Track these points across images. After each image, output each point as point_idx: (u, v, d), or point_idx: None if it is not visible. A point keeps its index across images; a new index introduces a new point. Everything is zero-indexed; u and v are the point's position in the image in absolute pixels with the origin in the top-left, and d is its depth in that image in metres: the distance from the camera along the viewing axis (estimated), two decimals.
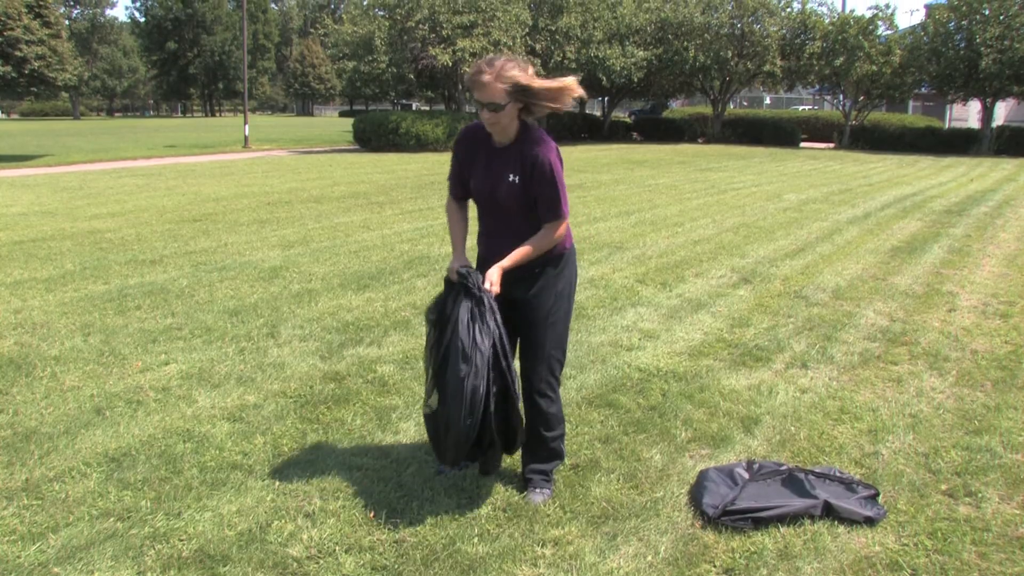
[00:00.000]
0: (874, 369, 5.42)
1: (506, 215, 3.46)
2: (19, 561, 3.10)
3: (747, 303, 7.17)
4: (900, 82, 32.82)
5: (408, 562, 3.10)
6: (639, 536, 3.30)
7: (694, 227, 11.46)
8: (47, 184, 17.13)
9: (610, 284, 7.79)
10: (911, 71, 32.42)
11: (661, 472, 3.85)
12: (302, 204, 13.82)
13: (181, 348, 5.72)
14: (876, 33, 32.84)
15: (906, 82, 32.96)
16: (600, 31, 32.44)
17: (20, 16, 21.43)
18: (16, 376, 5.13)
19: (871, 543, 3.26)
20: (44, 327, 6.26)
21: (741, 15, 34.36)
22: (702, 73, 35.49)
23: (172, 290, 7.44)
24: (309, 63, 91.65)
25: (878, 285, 7.91)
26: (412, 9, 28.93)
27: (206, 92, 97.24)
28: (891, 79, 32.49)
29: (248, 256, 9.07)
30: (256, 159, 25.52)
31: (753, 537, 3.29)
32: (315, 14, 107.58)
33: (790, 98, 58.14)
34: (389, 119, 29.25)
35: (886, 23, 33.15)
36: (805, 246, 10.03)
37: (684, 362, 5.51)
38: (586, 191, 16.17)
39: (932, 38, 31.86)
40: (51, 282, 7.76)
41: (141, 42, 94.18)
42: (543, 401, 3.59)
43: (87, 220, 11.79)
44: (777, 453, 4.08)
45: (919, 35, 32.61)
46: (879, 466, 3.94)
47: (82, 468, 3.85)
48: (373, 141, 29.35)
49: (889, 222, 12.23)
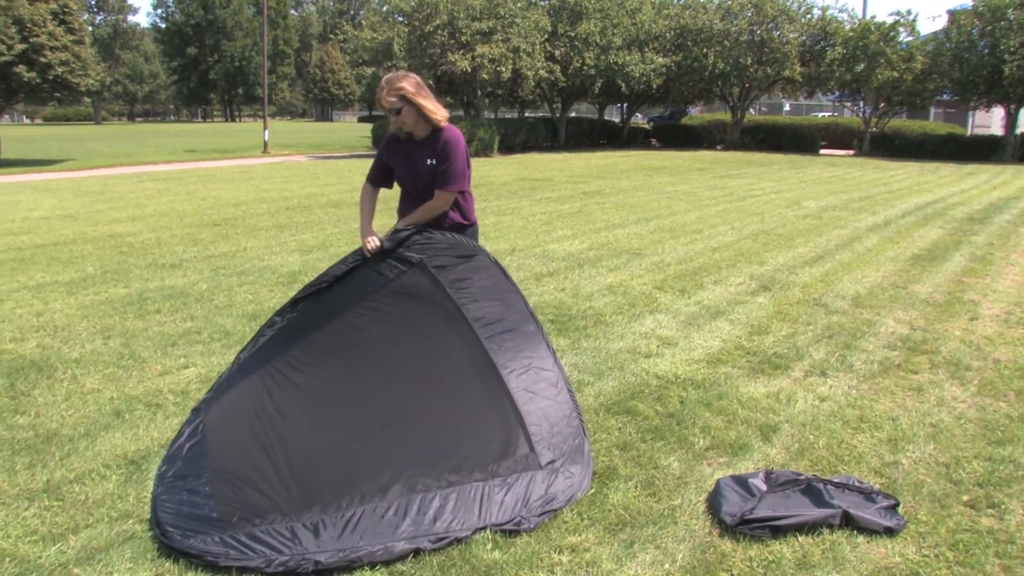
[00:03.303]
0: (894, 378, 5.38)
1: (424, 194, 4.20)
2: (40, 561, 3.12)
3: (766, 310, 7.13)
4: (921, 88, 32.53)
5: (425, 568, 3.10)
6: (656, 544, 3.28)
7: (713, 234, 11.42)
8: (69, 188, 17.29)
9: (628, 291, 7.77)
10: (933, 77, 32.13)
11: (679, 480, 3.83)
12: (321, 209, 13.87)
13: (200, 352, 5.75)
14: (897, 39, 32.60)
15: (928, 89, 32.67)
16: (619, 37, 32.37)
17: (45, 23, 21.65)
18: (38, 378, 5.17)
19: (891, 554, 3.23)
20: (65, 330, 6.31)
21: (761, 21, 34.22)
22: (721, 79, 35.37)
23: (191, 294, 7.48)
24: (328, 69, 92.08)
25: (898, 293, 7.85)
26: (431, 15, 29.00)
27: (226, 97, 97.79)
28: (912, 85, 32.21)
29: (267, 261, 9.11)
30: (275, 164, 25.65)
31: (771, 546, 3.27)
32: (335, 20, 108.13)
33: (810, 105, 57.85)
34: None
35: (907, 29, 32.86)
36: (825, 253, 9.97)
37: (702, 369, 5.49)
38: (604, 197, 16.15)
39: (955, 44, 31.58)
40: (72, 285, 7.82)
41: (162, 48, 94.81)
42: None
43: (108, 224, 11.89)
44: (796, 462, 4.05)
45: (941, 41, 32.31)
46: (899, 476, 3.90)
47: (102, 470, 3.88)
48: None
49: (910, 230, 12.15)
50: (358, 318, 4.09)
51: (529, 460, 3.59)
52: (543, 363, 4.03)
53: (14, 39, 20.91)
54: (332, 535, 3.19)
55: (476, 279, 4.15)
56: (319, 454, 3.57)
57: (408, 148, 4.20)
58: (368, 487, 3.39)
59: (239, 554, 3.11)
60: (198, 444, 3.77)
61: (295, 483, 3.42)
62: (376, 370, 3.92)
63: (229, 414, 3.90)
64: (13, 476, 3.82)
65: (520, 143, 33.70)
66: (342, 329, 4.08)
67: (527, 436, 3.66)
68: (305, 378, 3.93)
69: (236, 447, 3.66)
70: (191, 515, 3.34)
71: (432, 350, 3.97)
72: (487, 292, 4.13)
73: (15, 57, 20.98)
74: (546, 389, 3.92)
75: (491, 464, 3.54)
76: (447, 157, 4.09)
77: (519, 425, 3.69)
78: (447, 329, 4.00)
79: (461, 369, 3.90)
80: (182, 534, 3.24)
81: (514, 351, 3.99)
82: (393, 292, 4.11)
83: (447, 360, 3.94)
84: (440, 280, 4.09)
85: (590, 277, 8.37)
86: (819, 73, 34.25)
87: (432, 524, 3.27)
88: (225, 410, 3.94)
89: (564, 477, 3.61)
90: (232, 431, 3.77)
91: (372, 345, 4.00)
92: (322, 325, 4.12)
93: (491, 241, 10.45)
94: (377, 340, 4.01)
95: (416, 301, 4.08)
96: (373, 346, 4.00)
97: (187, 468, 3.64)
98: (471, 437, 3.65)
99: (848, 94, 36.20)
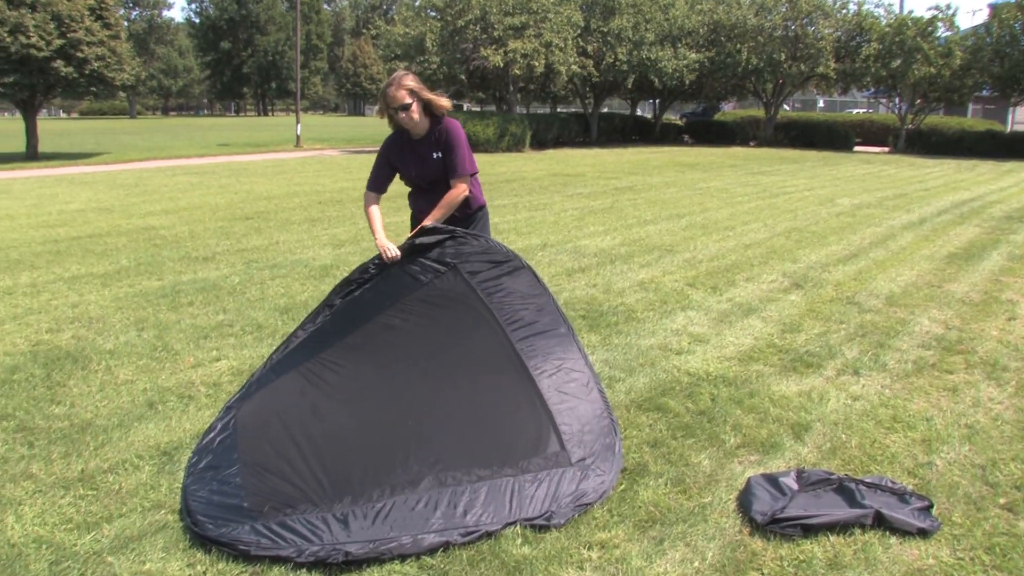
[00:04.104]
0: (928, 378, 5.32)
1: (434, 186, 4.37)
2: (75, 549, 3.17)
3: (798, 308, 7.07)
4: (960, 84, 31.99)
5: (455, 562, 3.11)
6: (686, 541, 3.27)
7: (745, 231, 11.35)
8: (104, 181, 17.51)
9: (660, 287, 7.74)
10: (972, 73, 31.58)
11: (709, 477, 3.81)
12: (353, 203, 13.94)
13: (232, 344, 5.81)
14: (935, 34, 32.11)
15: (966, 84, 32.12)
16: (652, 33, 32.20)
17: (83, 18, 21.93)
18: (73, 369, 5.25)
19: (924, 555, 3.20)
20: (100, 321, 6.39)
21: (795, 17, 33.86)
22: (755, 76, 35.05)
23: (224, 287, 7.55)
24: (361, 63, 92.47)
25: (933, 292, 7.75)
26: (463, 10, 29.01)
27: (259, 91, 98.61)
28: (950, 81, 31.69)
29: (299, 254, 9.17)
30: (307, 158, 25.81)
31: (802, 545, 3.24)
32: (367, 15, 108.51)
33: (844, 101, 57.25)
34: None
35: (946, 24, 32.36)
36: (858, 251, 9.87)
37: (734, 367, 5.46)
38: (636, 193, 16.10)
39: (996, 39, 31.03)
40: (107, 277, 7.92)
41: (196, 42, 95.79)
42: None
43: (142, 217, 12.03)
44: (827, 461, 4.02)
45: (982, 36, 31.73)
46: (933, 477, 3.86)
47: (135, 461, 3.93)
48: None
49: (946, 228, 11.98)
50: (391, 319, 4.13)
51: (560, 457, 3.60)
52: (574, 364, 4.07)
53: (52, 34, 21.21)
54: (363, 526, 3.21)
55: (508, 283, 4.21)
56: (350, 448, 3.60)
57: (412, 147, 4.38)
58: (399, 480, 3.42)
59: (270, 543, 3.14)
60: (229, 438, 3.81)
61: (326, 475, 3.45)
62: (408, 369, 3.95)
63: (261, 411, 3.94)
64: (49, 465, 3.88)
65: (552, 138, 33.65)
66: (375, 330, 4.12)
67: (558, 434, 3.68)
68: (338, 377, 3.97)
69: (267, 441, 3.70)
70: (222, 504, 3.38)
71: (464, 351, 4.01)
72: (519, 295, 4.20)
73: (53, 52, 21.27)
74: (577, 389, 3.95)
75: (521, 460, 3.55)
76: (452, 147, 4.27)
77: (550, 424, 3.71)
78: (480, 331, 4.04)
79: (493, 369, 3.93)
80: (213, 523, 3.28)
81: (545, 353, 4.03)
82: (427, 295, 4.16)
83: (479, 361, 3.97)
84: (473, 284, 4.14)
85: (622, 273, 8.34)
86: (854, 69, 33.82)
87: (463, 517, 3.28)
88: (257, 407, 3.98)
89: (595, 475, 3.61)
90: (264, 426, 3.81)
91: (405, 345, 4.04)
92: (356, 327, 4.16)
93: (523, 236, 10.45)
94: (410, 340, 4.05)
95: (449, 303, 4.13)
96: (406, 346, 4.03)
97: (218, 460, 3.68)
98: (502, 434, 3.67)
99: (883, 90, 35.71)
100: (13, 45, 20.60)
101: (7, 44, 20.53)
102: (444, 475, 3.44)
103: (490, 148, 28.48)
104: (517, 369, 3.92)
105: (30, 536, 3.25)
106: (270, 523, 3.23)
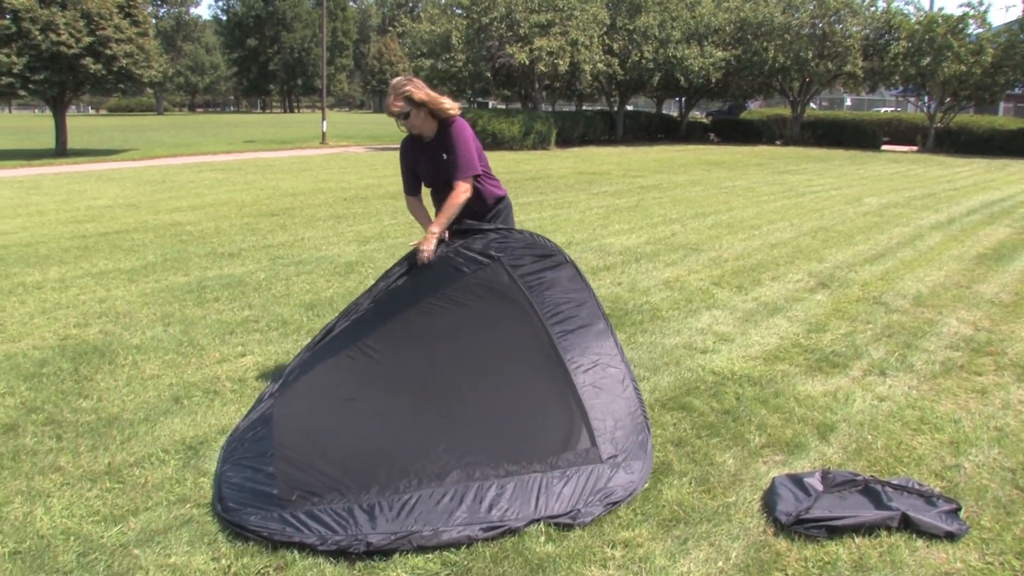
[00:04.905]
0: (956, 379, 5.26)
1: (447, 186, 4.41)
2: (102, 541, 3.20)
3: (824, 308, 7.02)
4: (991, 82, 31.55)
5: (478, 559, 3.11)
6: (710, 541, 3.26)
7: (771, 230, 11.27)
8: (131, 177, 17.67)
9: (685, 286, 7.70)
10: (1004, 70, 31.11)
11: (734, 477, 3.79)
12: (378, 200, 13.99)
13: (258, 340, 5.84)
14: (966, 32, 31.69)
15: (998, 82, 31.66)
16: (678, 31, 32.06)
17: (112, 16, 22.13)
18: (100, 363, 5.30)
19: (952, 559, 3.16)
20: (127, 316, 6.45)
21: (823, 15, 33.56)
22: (781, 74, 34.80)
23: (250, 283, 7.60)
24: (387, 60, 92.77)
25: (962, 293, 7.66)
26: (489, 8, 29.02)
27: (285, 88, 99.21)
28: (981, 79, 31.25)
29: (325, 251, 9.22)
30: (333, 155, 25.92)
31: (827, 547, 3.22)
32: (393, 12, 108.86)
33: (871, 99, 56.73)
34: (465, 117, 29.27)
35: (978, 21, 31.88)
36: (885, 251, 9.78)
37: (759, 366, 5.42)
38: (662, 192, 16.04)
39: None
40: (134, 273, 8.00)
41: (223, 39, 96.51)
42: None
43: (169, 213, 12.13)
44: (853, 462, 3.99)
45: (1015, 32, 31.25)
46: (961, 480, 3.82)
47: (161, 455, 3.96)
48: None
49: (975, 228, 11.85)
50: (431, 308, 4.17)
51: (590, 454, 3.60)
52: (611, 360, 4.07)
53: (82, 32, 21.42)
54: (387, 517, 3.23)
55: (550, 276, 4.24)
56: (381, 438, 3.62)
57: (423, 148, 4.49)
58: (427, 471, 3.43)
59: (295, 531, 3.17)
60: (264, 428, 3.84)
61: (355, 465, 3.48)
62: (443, 359, 3.99)
63: (297, 400, 3.98)
64: (77, 458, 3.92)
65: (577, 136, 33.60)
66: (415, 320, 4.16)
67: (590, 430, 3.68)
68: (376, 365, 4.02)
69: (301, 432, 3.73)
70: (253, 491, 3.42)
71: (501, 343, 4.03)
72: (561, 290, 4.22)
73: (82, 50, 21.49)
74: (612, 386, 3.95)
75: (551, 456, 3.55)
76: (454, 148, 4.38)
77: (582, 419, 3.71)
78: (518, 323, 4.07)
79: (528, 362, 3.94)
80: (242, 509, 3.31)
81: (583, 347, 4.04)
82: (469, 285, 4.20)
83: (515, 353, 3.99)
84: (515, 276, 4.16)
85: (647, 272, 8.32)
86: (882, 67, 33.47)
87: (488, 512, 3.29)
88: (293, 396, 4.02)
89: (625, 472, 3.60)
90: (298, 417, 3.85)
91: (442, 335, 4.07)
92: (396, 315, 4.21)
93: (548, 234, 10.40)
94: (448, 331, 4.09)
95: (491, 295, 4.17)
96: (443, 336, 4.07)
97: (252, 448, 3.72)
98: (533, 429, 3.68)
99: (912, 89, 35.32)
100: (44, 43, 20.83)
101: (38, 42, 20.76)
102: (472, 469, 3.45)
103: (515, 146, 28.48)
104: (553, 363, 3.93)
105: (58, 528, 3.29)
106: (298, 512, 3.26)
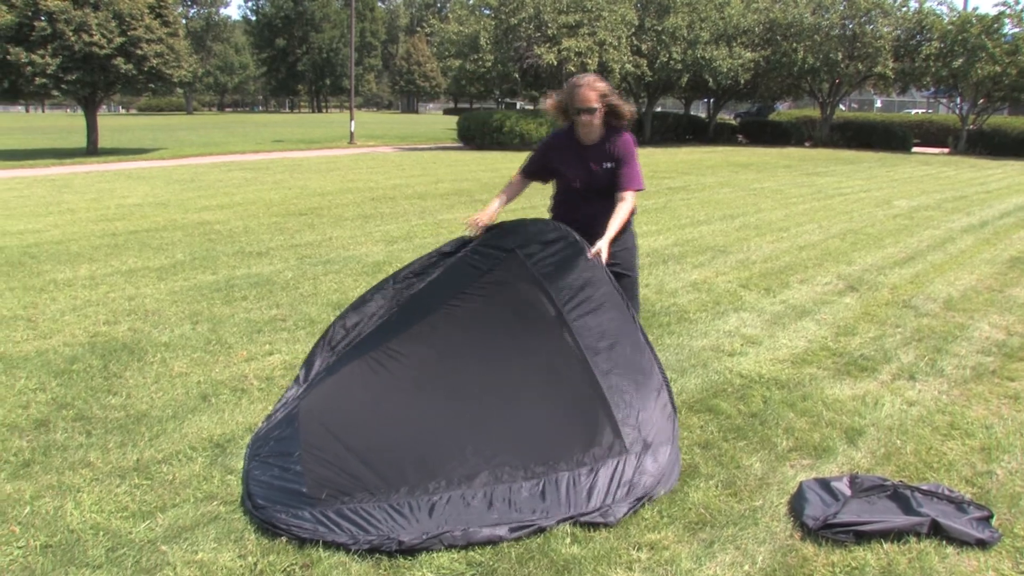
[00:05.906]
0: (988, 384, 5.19)
1: (598, 195, 4.31)
2: (130, 537, 3.23)
3: (853, 311, 6.95)
4: None
5: (503, 559, 3.11)
6: (736, 544, 3.24)
7: (800, 232, 11.19)
8: (161, 176, 17.84)
9: (713, 288, 7.66)
10: None
11: (761, 480, 3.77)
12: (406, 200, 14.03)
13: (285, 339, 5.88)
14: (1001, 32, 31.20)
15: None
16: (707, 32, 31.89)
17: (143, 16, 22.36)
18: (129, 360, 5.36)
19: (983, 567, 3.12)
20: (155, 314, 6.51)
21: (853, 15, 33.25)
22: (811, 75, 34.52)
23: (277, 282, 7.64)
24: (415, 61, 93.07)
25: (994, 297, 7.57)
26: (517, 8, 29.03)
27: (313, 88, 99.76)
28: (1016, 80, 30.75)
29: (352, 250, 9.26)
30: (361, 155, 26.03)
31: (855, 552, 3.19)
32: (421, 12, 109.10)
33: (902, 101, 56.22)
34: (493, 117, 29.49)
35: (1014, 21, 31.35)
36: (915, 254, 9.68)
37: (787, 369, 5.38)
38: (690, 193, 15.97)
39: None
40: (163, 271, 8.07)
41: (252, 40, 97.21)
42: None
43: (197, 212, 12.23)
44: (881, 467, 3.95)
45: None
46: (993, 486, 3.77)
47: (188, 452, 4.00)
48: (477, 139, 29.72)
49: (1008, 231, 11.69)
50: (454, 309, 4.17)
51: (615, 446, 3.57)
52: (637, 354, 4.01)
53: (113, 32, 21.65)
54: (418, 517, 3.24)
55: (573, 272, 4.14)
56: (409, 439, 3.63)
57: (578, 151, 4.31)
58: (456, 473, 3.44)
59: (327, 530, 3.19)
60: (291, 426, 3.86)
61: (384, 465, 3.48)
62: (469, 360, 3.98)
63: (324, 399, 4.00)
64: (106, 454, 3.96)
65: None
66: (437, 321, 4.17)
67: (612, 422, 3.65)
68: (401, 366, 4.02)
69: (328, 431, 3.75)
70: (282, 488, 3.44)
71: (525, 342, 4.01)
72: (583, 284, 4.11)
73: (114, 50, 21.71)
74: (639, 379, 3.90)
75: (577, 453, 3.53)
76: (628, 160, 4.25)
77: (607, 414, 3.68)
78: (540, 321, 4.03)
79: (553, 359, 3.92)
80: (272, 506, 3.34)
81: (609, 344, 3.98)
82: (487, 283, 4.19)
83: (540, 351, 3.96)
84: (535, 272, 4.13)
85: (674, 273, 8.28)
86: (913, 69, 33.10)
87: (518, 512, 3.29)
88: (321, 396, 4.04)
89: (652, 460, 3.57)
90: (325, 416, 3.86)
91: (465, 336, 4.07)
92: (419, 317, 4.21)
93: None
94: (469, 331, 4.08)
95: (508, 290, 4.15)
96: (467, 336, 4.07)
97: (280, 447, 3.74)
98: (560, 428, 3.66)
99: (944, 90, 34.91)
100: (77, 44, 21.07)
101: (71, 43, 21.01)
102: (500, 471, 3.45)
103: None
104: (577, 359, 3.88)
105: (88, 523, 3.33)
106: (328, 511, 3.28)
